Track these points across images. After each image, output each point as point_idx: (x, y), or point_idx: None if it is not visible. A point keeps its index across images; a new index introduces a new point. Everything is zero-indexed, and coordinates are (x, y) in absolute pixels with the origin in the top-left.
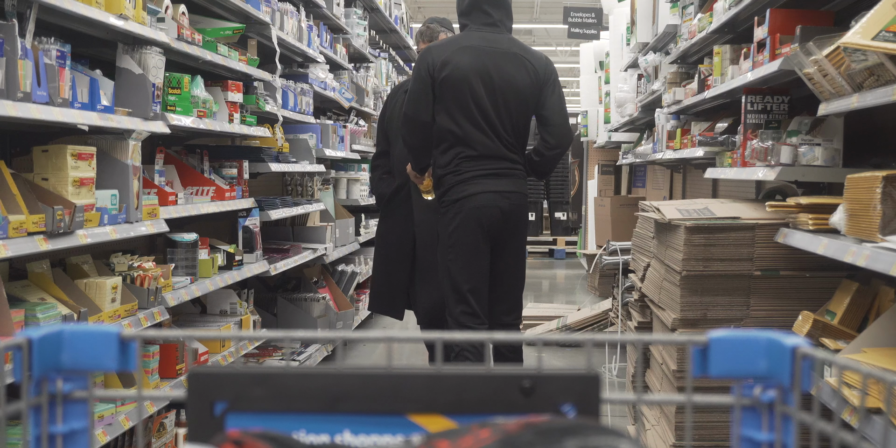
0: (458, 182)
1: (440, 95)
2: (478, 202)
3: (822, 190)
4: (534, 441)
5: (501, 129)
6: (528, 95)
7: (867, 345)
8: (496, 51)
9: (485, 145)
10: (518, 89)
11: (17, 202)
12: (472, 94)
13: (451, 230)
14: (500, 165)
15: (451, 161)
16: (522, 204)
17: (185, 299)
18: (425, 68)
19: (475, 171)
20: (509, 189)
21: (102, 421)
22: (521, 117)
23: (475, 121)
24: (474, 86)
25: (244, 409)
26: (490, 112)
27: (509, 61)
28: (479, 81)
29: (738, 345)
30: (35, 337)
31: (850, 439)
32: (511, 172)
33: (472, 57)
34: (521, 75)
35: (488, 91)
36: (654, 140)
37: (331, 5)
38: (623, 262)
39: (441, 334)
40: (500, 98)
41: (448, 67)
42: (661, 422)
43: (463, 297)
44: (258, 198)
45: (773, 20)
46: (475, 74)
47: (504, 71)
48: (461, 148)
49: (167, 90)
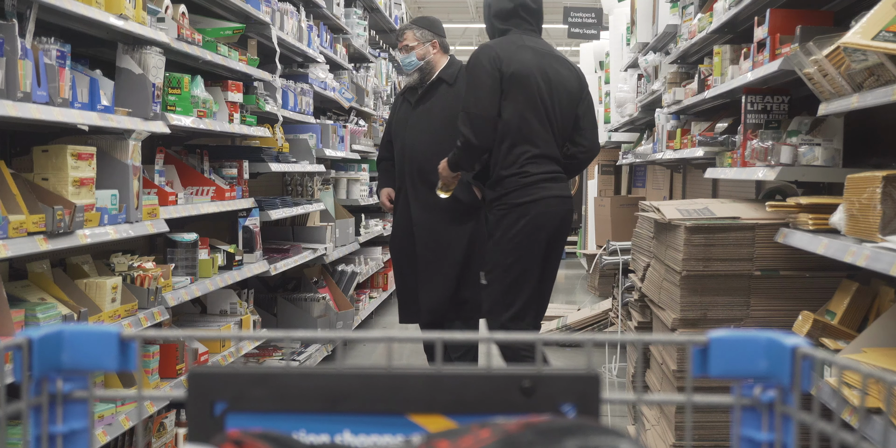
0: (524, 185)
1: (507, 91)
2: (543, 208)
3: (822, 190)
4: (534, 441)
5: (557, 129)
6: (575, 98)
7: (867, 345)
8: (547, 53)
9: (547, 145)
10: (569, 91)
11: (17, 202)
12: (538, 90)
13: (512, 234)
14: (557, 168)
15: (517, 161)
16: (571, 209)
17: (185, 299)
18: (490, 62)
19: (540, 174)
20: (565, 194)
21: (102, 421)
22: (568, 119)
23: (541, 118)
24: (540, 83)
25: (244, 409)
26: (550, 111)
27: (560, 63)
28: (541, 79)
29: (738, 345)
30: (35, 337)
31: (850, 439)
32: (563, 176)
33: (532, 55)
34: (570, 78)
35: (548, 90)
36: (654, 140)
37: (331, 5)
38: (623, 262)
39: (441, 334)
40: (556, 98)
41: (514, 63)
42: (661, 422)
43: (513, 302)
44: (258, 198)
45: (773, 20)
46: (538, 72)
47: (558, 72)
48: (527, 146)
49: (167, 90)
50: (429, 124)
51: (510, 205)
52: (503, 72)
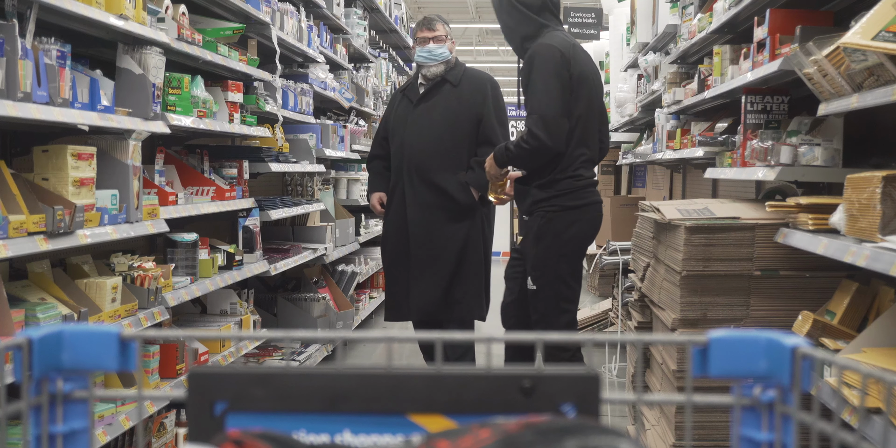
0: (577, 188)
1: (574, 92)
2: (594, 212)
3: (822, 190)
4: (534, 441)
5: (598, 130)
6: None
7: (867, 345)
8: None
9: (593, 148)
10: (602, 91)
11: (17, 202)
12: (596, 92)
13: (567, 238)
14: (595, 172)
15: (573, 164)
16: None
17: (185, 299)
18: (558, 64)
19: (590, 177)
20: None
21: (102, 421)
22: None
23: (593, 121)
24: (596, 84)
25: (244, 409)
26: (599, 112)
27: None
28: (595, 80)
29: (738, 345)
30: (35, 337)
31: (849, 439)
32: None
33: (587, 55)
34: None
35: (598, 91)
36: (653, 140)
37: (331, 5)
38: (623, 262)
39: (441, 334)
40: (601, 99)
41: (579, 63)
42: (661, 422)
43: (568, 308)
44: (258, 198)
45: (773, 20)
46: (594, 73)
47: (598, 72)
48: (583, 149)
49: (167, 90)
50: (430, 123)
51: (563, 207)
52: (571, 73)
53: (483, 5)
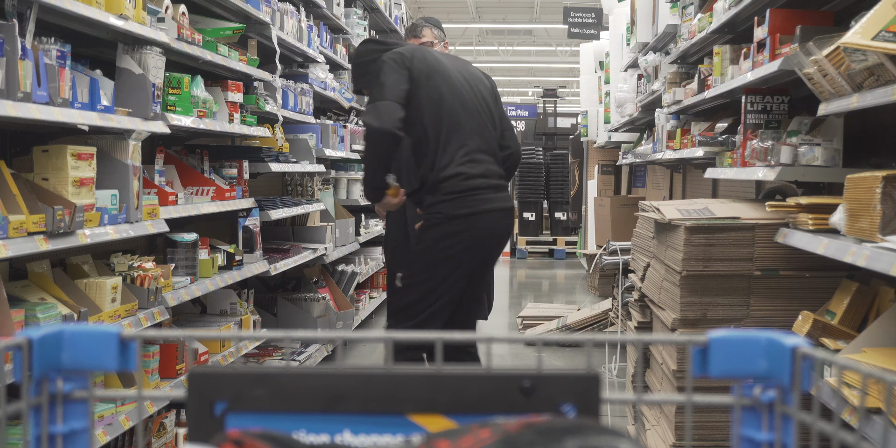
0: (464, 191)
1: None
2: (484, 222)
3: (822, 190)
4: (534, 441)
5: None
6: (493, 96)
7: (867, 345)
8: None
9: (478, 140)
10: (487, 88)
11: (17, 202)
12: (466, 89)
13: (443, 247)
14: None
15: (452, 160)
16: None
17: (185, 299)
18: (399, 60)
19: (478, 175)
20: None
21: (102, 421)
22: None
23: (465, 115)
24: (462, 80)
25: (244, 409)
26: (479, 104)
27: (465, 63)
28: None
29: (738, 345)
30: (35, 337)
31: (850, 439)
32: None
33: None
34: (480, 75)
35: (468, 83)
36: (654, 140)
37: (331, 5)
38: (623, 262)
39: (441, 334)
40: (479, 93)
41: (424, 61)
42: (661, 422)
43: (418, 315)
44: (258, 198)
45: (773, 20)
46: (451, 69)
47: (466, 68)
48: (460, 143)
49: (167, 90)
50: None
51: (449, 216)
52: (413, 68)
53: (483, 5)
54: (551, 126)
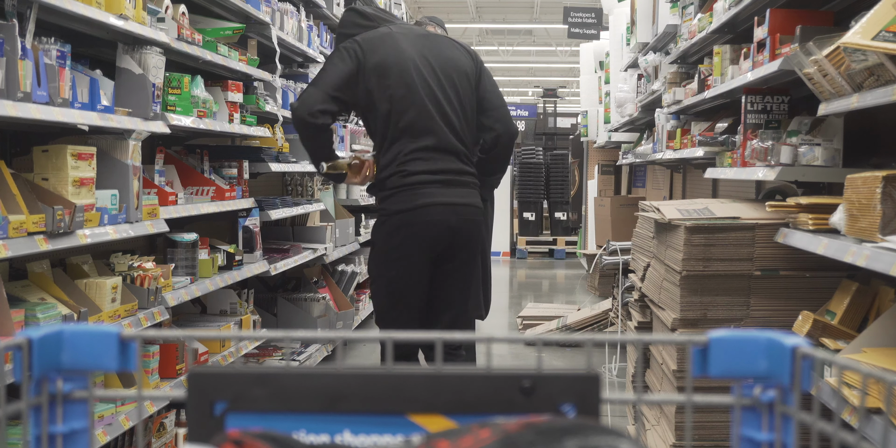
0: (404, 186)
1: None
2: (422, 217)
3: (822, 190)
4: (534, 441)
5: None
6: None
7: (867, 345)
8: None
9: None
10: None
11: (17, 202)
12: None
13: (389, 248)
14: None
15: (397, 157)
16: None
17: (185, 299)
18: (349, 50)
19: (420, 172)
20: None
21: (102, 421)
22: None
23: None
24: (420, 67)
25: (244, 409)
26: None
27: (443, 44)
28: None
29: (738, 345)
30: (35, 337)
31: (850, 439)
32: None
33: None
34: (459, 57)
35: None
36: (654, 140)
37: (331, 5)
38: (623, 262)
39: (441, 334)
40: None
41: (377, 53)
42: (661, 422)
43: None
44: (258, 198)
45: (773, 20)
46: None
47: (441, 53)
48: (410, 140)
49: (167, 90)
50: None
51: (390, 212)
52: (363, 60)
53: (483, 5)
54: (551, 126)
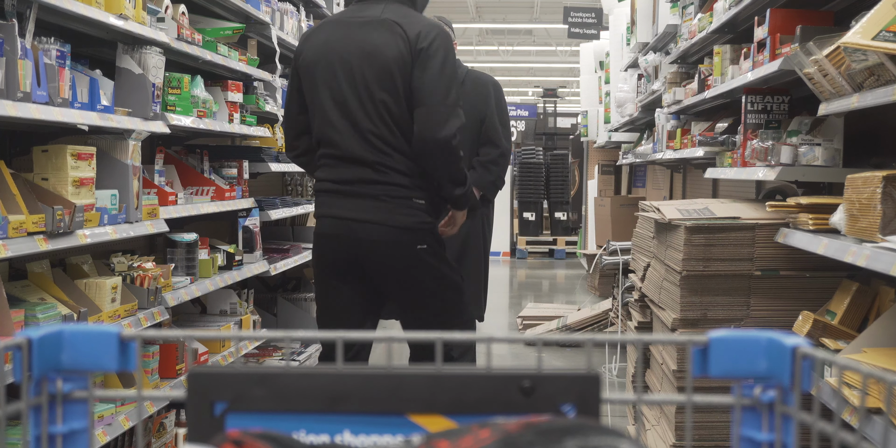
0: (316, 195)
1: (304, 84)
2: (320, 227)
3: (822, 190)
4: (534, 441)
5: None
6: (395, 66)
7: (867, 345)
8: (363, 22)
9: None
10: (384, 61)
11: (17, 202)
12: (333, 75)
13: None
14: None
15: (318, 164)
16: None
17: (185, 299)
18: (295, 57)
19: (327, 179)
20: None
21: (102, 421)
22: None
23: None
24: (335, 66)
25: (244, 409)
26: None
27: (375, 30)
28: (337, 61)
29: (738, 345)
30: (35, 337)
31: (850, 439)
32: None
33: (332, 31)
34: (386, 43)
35: (348, 71)
36: (654, 140)
37: (331, 5)
38: (623, 262)
39: (441, 334)
40: (364, 77)
41: (311, 48)
42: (661, 422)
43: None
44: (258, 198)
45: (773, 20)
46: (339, 50)
47: (365, 42)
48: (323, 145)
49: (167, 90)
50: None
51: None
52: (298, 63)
53: (483, 5)
54: (551, 126)
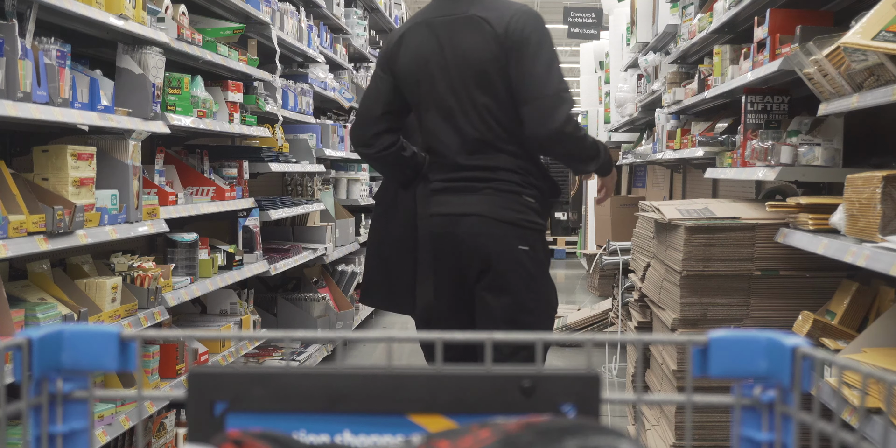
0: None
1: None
2: (423, 225)
3: (822, 190)
4: (534, 441)
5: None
6: (491, 62)
7: (867, 345)
8: (449, 20)
9: (440, 143)
10: (476, 60)
11: (17, 202)
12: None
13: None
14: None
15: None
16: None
17: (185, 299)
18: (381, 59)
19: (434, 180)
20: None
21: (102, 421)
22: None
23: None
24: (433, 69)
25: (244, 409)
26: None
27: (465, 26)
28: (434, 64)
29: (738, 345)
30: (35, 337)
31: (850, 439)
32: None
33: (424, 34)
34: (475, 41)
35: (445, 72)
36: (654, 140)
37: (331, 5)
38: (623, 262)
39: (441, 334)
40: (459, 77)
41: (406, 50)
42: (661, 422)
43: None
44: (258, 198)
45: (773, 20)
46: (432, 52)
47: (455, 41)
48: (429, 151)
49: (167, 90)
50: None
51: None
52: (393, 68)
53: None
54: None
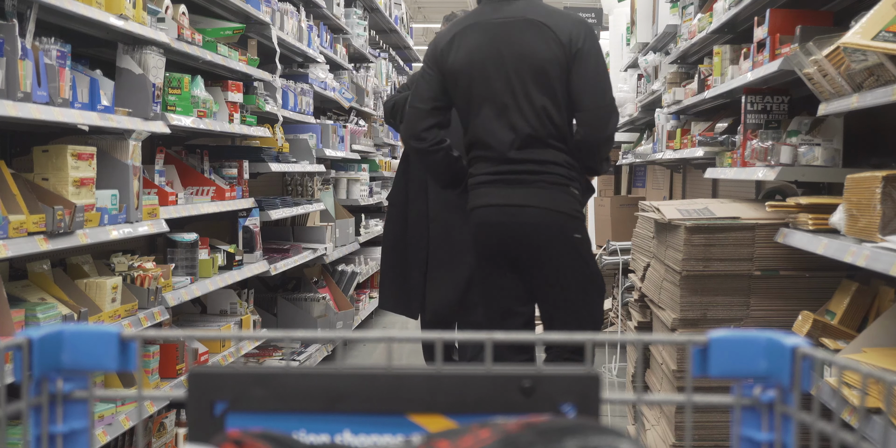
0: (470, 189)
1: (454, 86)
2: (476, 217)
3: (822, 190)
4: (534, 441)
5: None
6: (551, 65)
7: (867, 345)
8: (507, 21)
9: (489, 142)
10: (537, 61)
11: (17, 202)
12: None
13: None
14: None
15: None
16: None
17: (185, 299)
18: (430, 57)
19: (478, 174)
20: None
21: (102, 421)
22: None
23: (486, 113)
24: (488, 68)
25: (244, 409)
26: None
27: (526, 28)
28: (490, 64)
29: (737, 345)
30: (35, 337)
31: (849, 439)
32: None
33: (480, 34)
34: (535, 43)
35: (503, 71)
36: (654, 140)
37: (331, 5)
38: (623, 262)
39: (441, 334)
40: (520, 77)
41: (457, 51)
42: (661, 422)
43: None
44: (258, 198)
45: (773, 20)
46: (489, 52)
47: (514, 42)
48: (473, 147)
49: (167, 90)
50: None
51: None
52: (443, 66)
53: None
54: None
